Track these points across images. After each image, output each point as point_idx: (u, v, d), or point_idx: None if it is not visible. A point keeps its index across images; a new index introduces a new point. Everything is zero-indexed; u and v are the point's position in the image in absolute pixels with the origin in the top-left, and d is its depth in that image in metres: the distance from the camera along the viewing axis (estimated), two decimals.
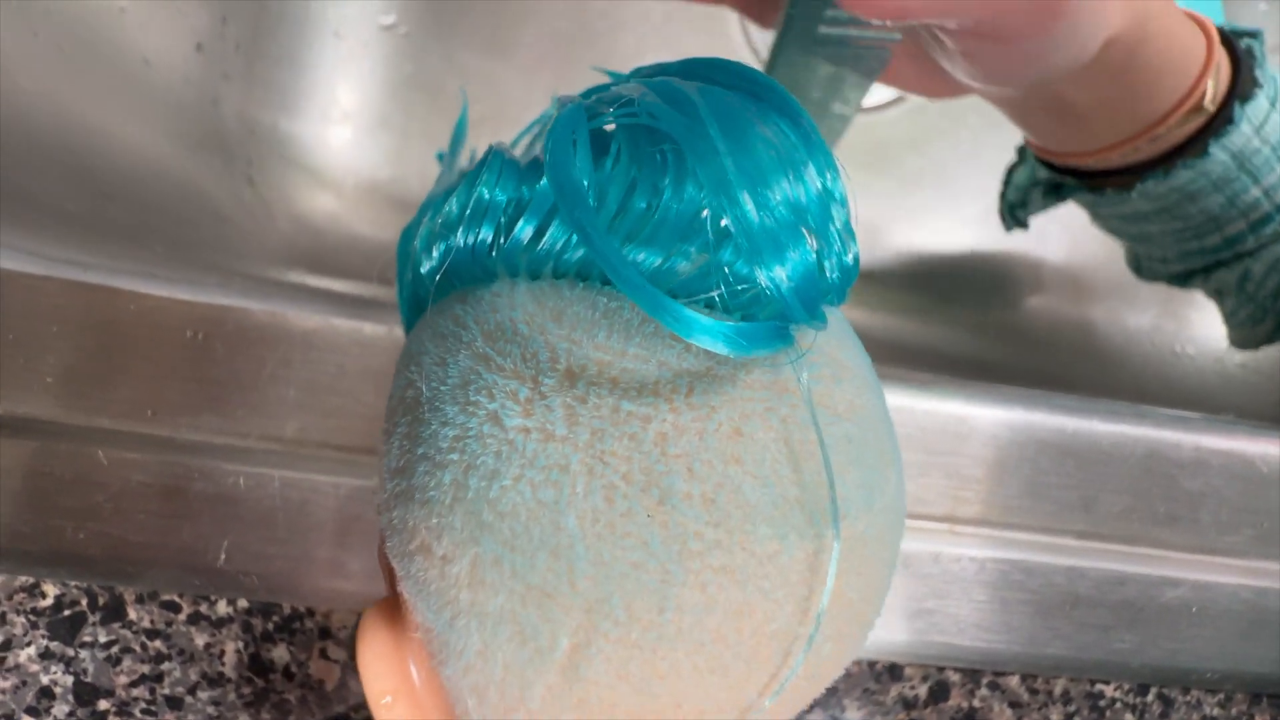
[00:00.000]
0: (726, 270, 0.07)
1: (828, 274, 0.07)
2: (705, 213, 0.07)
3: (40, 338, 0.13)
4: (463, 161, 0.11)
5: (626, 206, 0.07)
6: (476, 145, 0.30)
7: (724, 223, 0.07)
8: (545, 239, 0.07)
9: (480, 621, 0.07)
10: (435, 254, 0.08)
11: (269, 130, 0.33)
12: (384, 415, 0.09)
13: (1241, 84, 0.18)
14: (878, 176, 0.41)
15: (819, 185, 0.07)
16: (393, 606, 0.08)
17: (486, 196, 0.08)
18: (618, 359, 0.07)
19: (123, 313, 0.13)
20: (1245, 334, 0.23)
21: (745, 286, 0.07)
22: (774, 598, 0.07)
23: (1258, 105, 0.18)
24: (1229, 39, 0.18)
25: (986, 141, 0.37)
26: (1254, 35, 0.19)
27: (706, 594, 0.07)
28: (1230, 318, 0.22)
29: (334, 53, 0.36)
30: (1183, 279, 0.23)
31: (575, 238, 0.07)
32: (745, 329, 0.07)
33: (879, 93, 0.41)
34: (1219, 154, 0.18)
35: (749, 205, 0.06)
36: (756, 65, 0.41)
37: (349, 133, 0.36)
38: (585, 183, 0.07)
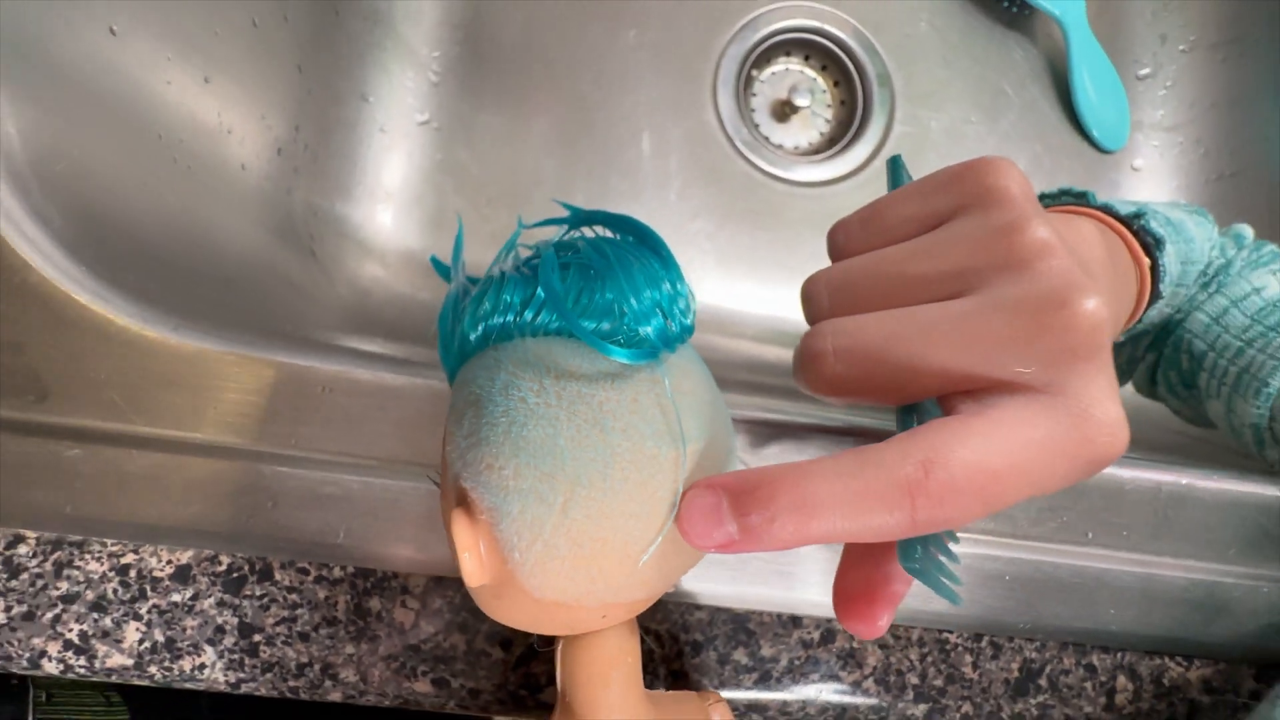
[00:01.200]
0: (626, 328, 0.14)
1: (673, 330, 0.14)
2: (616, 305, 0.13)
3: (219, 389, 0.19)
4: (463, 266, 0.15)
5: (579, 301, 0.14)
6: (494, 219, 0.39)
7: (623, 310, 0.13)
8: (540, 318, 0.14)
9: (519, 495, 0.13)
10: (480, 329, 0.14)
11: (328, 211, 0.40)
12: (448, 416, 0.14)
13: (1153, 291, 0.23)
14: None
15: (669, 289, 0.14)
16: (467, 511, 0.13)
17: (509, 299, 0.14)
18: (579, 369, 0.13)
19: (275, 374, 0.19)
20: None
21: (635, 335, 0.14)
22: (658, 477, 0.13)
23: (1166, 284, 0.23)
24: (1142, 242, 0.22)
25: None
26: (1139, 215, 0.23)
27: (625, 472, 0.13)
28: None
29: (379, 145, 0.43)
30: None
31: (556, 317, 0.14)
32: (637, 353, 0.13)
33: (834, 166, 0.48)
34: (1149, 316, 0.24)
35: (633, 302, 0.13)
36: (725, 143, 0.48)
37: (391, 211, 0.43)
38: (560, 290, 0.14)
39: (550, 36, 0.46)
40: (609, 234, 0.15)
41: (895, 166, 0.18)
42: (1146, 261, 0.22)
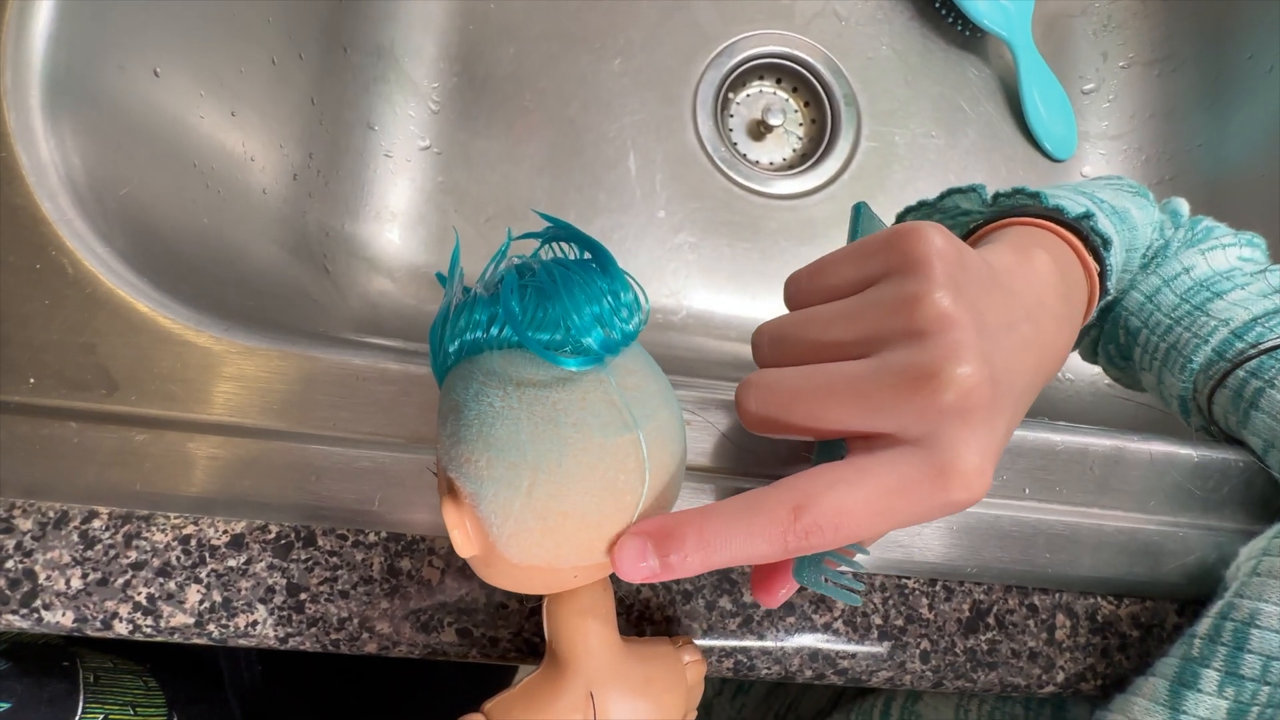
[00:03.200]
0: (573, 340, 0.16)
1: (615, 337, 0.16)
2: (561, 321, 0.16)
3: (266, 381, 0.22)
4: (460, 280, 0.17)
5: (533, 319, 0.16)
6: (492, 236, 0.43)
7: (568, 326, 0.16)
8: (503, 334, 0.16)
9: (492, 481, 0.15)
10: (456, 344, 0.17)
11: (339, 231, 0.43)
12: (437, 419, 0.17)
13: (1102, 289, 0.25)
14: (809, 248, 0.52)
15: (610, 301, 0.16)
16: (454, 497, 0.16)
17: (478, 318, 0.17)
18: (536, 376, 0.16)
19: (314, 367, 0.22)
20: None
21: (580, 345, 0.16)
22: (606, 460, 0.15)
23: (1112, 280, 0.25)
24: (1089, 246, 0.24)
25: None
26: (1089, 216, 0.24)
27: (578, 458, 0.15)
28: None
29: (385, 169, 0.46)
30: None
31: (512, 333, 0.16)
32: (582, 360, 0.16)
33: (807, 180, 0.52)
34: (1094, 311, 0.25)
35: (575, 318, 0.16)
36: (705, 161, 0.52)
37: (397, 230, 0.46)
38: (517, 310, 0.16)
39: (540, 66, 0.50)
40: (571, 250, 0.17)
41: (857, 214, 0.21)
42: (1096, 268, 0.24)
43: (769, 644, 0.23)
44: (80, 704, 0.27)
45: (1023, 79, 0.53)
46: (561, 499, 0.15)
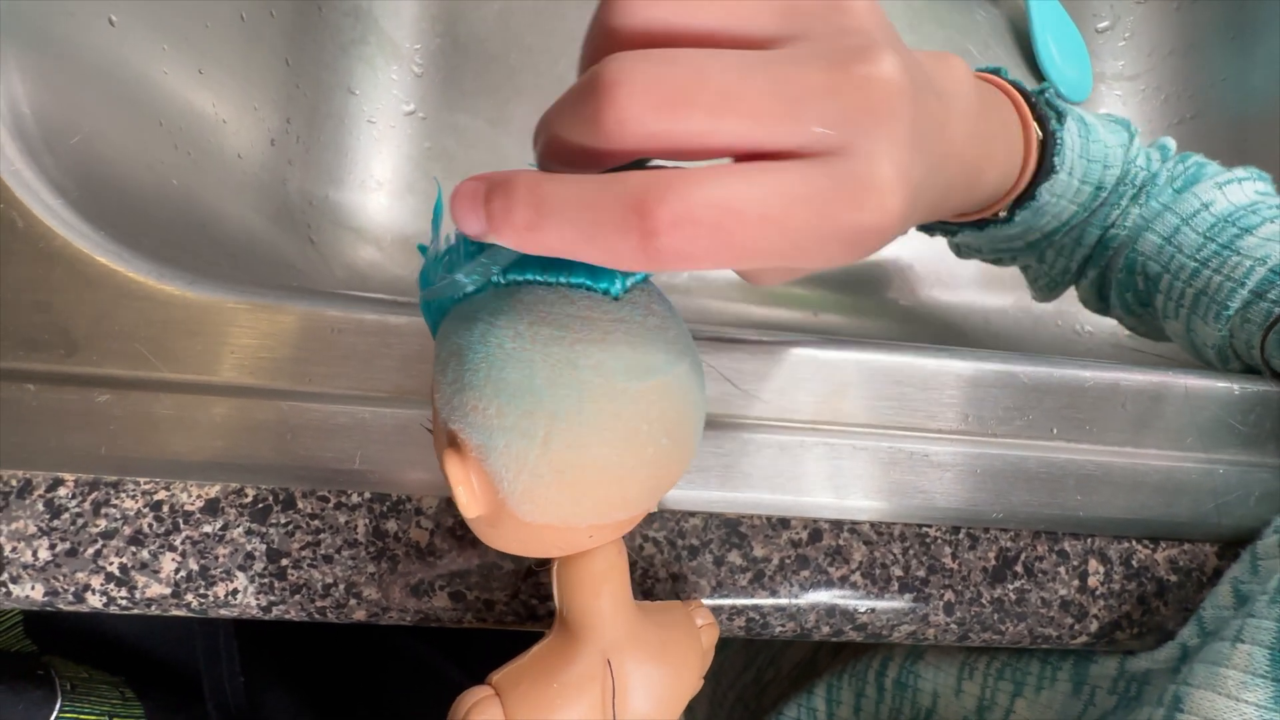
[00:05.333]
0: (588, 271, 0.14)
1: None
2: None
3: (236, 336, 0.21)
4: (444, 235, 0.16)
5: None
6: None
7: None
8: (510, 270, 0.15)
9: (503, 431, 0.14)
10: (455, 284, 0.15)
11: (323, 200, 0.41)
12: (434, 367, 0.15)
13: (1044, 166, 0.24)
14: None
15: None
16: (457, 450, 0.14)
17: (475, 252, 0.15)
18: (550, 314, 0.14)
19: (287, 319, 0.21)
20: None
21: (597, 276, 0.15)
22: (630, 407, 0.14)
23: (1062, 159, 0.25)
24: (1037, 114, 0.24)
25: None
26: (1042, 92, 0.25)
27: (598, 405, 0.14)
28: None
29: (369, 136, 0.45)
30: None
31: (525, 268, 0.15)
32: (606, 286, 0.15)
33: None
34: (1043, 195, 0.25)
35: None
36: None
37: (383, 198, 0.44)
38: None
39: (526, 24, 0.48)
40: None
41: None
42: (1038, 131, 0.23)
43: (782, 600, 0.22)
44: (56, 711, 0.26)
45: (1033, 19, 0.50)
46: (581, 449, 0.14)
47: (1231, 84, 0.48)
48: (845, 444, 0.22)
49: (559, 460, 0.14)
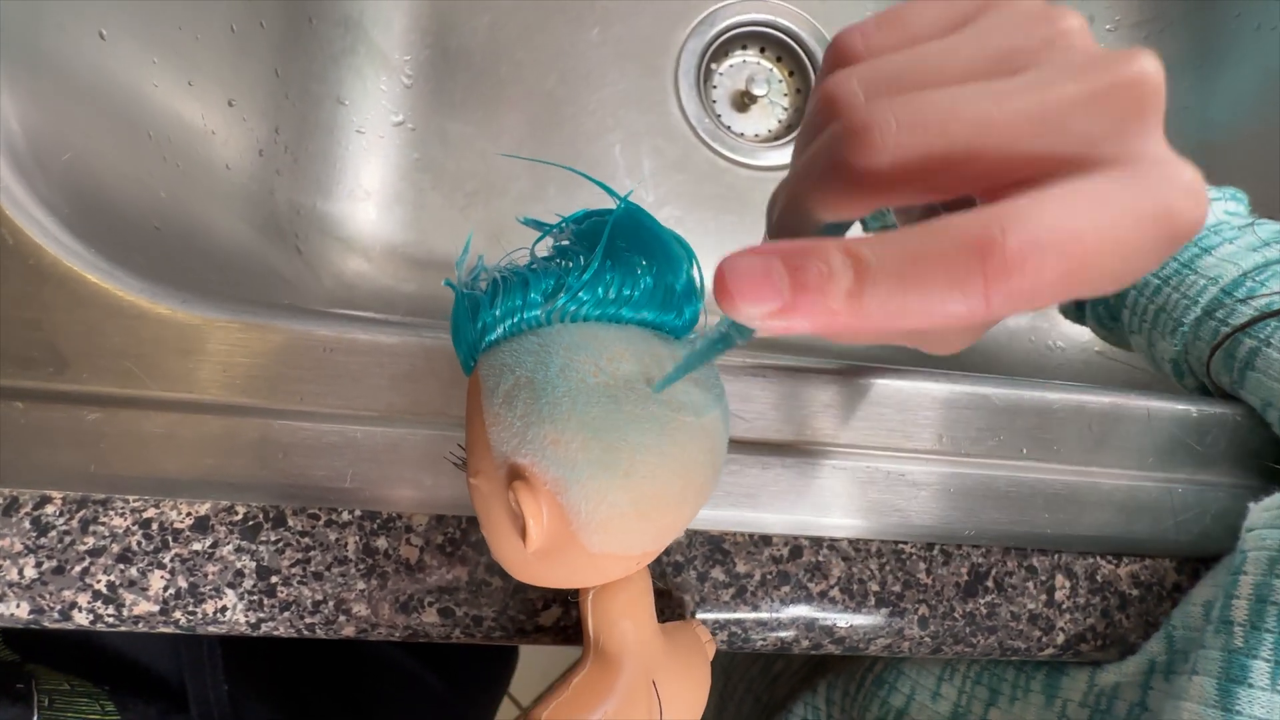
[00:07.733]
0: (665, 305, 0.16)
1: (698, 305, 0.16)
2: (658, 290, 0.16)
3: (227, 354, 0.21)
4: (469, 264, 0.16)
5: (621, 290, 0.15)
6: (472, 213, 0.42)
7: (668, 289, 0.16)
8: (584, 307, 0.15)
9: (587, 465, 0.14)
10: (512, 319, 0.15)
11: (310, 210, 0.42)
12: (486, 401, 0.15)
13: None
14: None
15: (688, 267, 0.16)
16: (528, 484, 0.14)
17: (538, 289, 0.15)
18: (627, 351, 0.15)
19: (279, 338, 0.21)
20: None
21: (675, 313, 0.16)
22: (696, 440, 0.15)
23: None
24: None
25: None
26: None
27: (673, 437, 0.15)
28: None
29: (357, 146, 0.45)
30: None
31: (594, 304, 0.15)
32: (674, 314, 0.16)
33: (770, 155, 0.51)
34: None
35: (675, 284, 0.16)
36: (689, 133, 0.51)
37: (372, 208, 0.45)
38: (610, 277, 0.15)
39: (516, 37, 0.49)
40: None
41: None
42: None
43: (764, 615, 0.23)
44: None
45: None
46: (656, 481, 0.14)
47: (1194, 111, 0.50)
48: (825, 463, 0.23)
49: (636, 492, 0.14)
